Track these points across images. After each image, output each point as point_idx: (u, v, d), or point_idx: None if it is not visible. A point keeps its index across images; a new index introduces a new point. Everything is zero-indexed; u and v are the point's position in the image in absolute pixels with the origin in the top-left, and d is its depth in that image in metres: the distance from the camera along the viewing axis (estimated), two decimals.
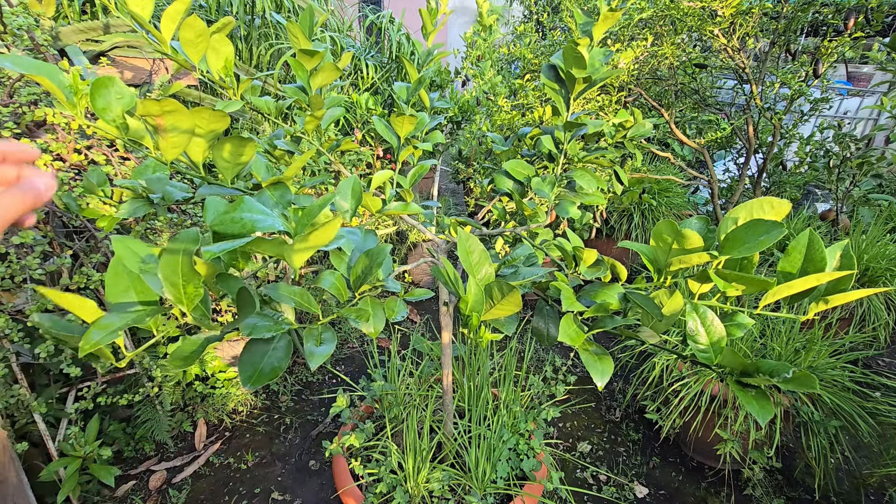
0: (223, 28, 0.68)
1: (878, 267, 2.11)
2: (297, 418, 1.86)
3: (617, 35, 2.17)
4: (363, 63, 2.97)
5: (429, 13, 0.96)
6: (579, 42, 0.78)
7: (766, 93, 2.24)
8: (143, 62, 1.96)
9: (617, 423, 1.89)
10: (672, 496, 1.59)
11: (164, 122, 0.49)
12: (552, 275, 0.71)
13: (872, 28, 1.85)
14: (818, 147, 2.50)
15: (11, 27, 1.38)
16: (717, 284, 0.48)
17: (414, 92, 1.00)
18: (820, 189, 3.03)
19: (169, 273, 0.46)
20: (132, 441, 1.65)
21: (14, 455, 1.27)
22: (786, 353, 1.57)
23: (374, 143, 2.65)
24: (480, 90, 2.54)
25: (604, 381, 0.56)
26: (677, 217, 2.86)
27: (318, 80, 0.80)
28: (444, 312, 1.00)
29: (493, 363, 1.51)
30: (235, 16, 2.59)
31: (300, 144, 0.93)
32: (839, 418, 1.45)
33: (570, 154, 0.94)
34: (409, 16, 2.94)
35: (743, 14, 1.84)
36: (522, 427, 1.27)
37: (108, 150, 1.44)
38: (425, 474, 1.13)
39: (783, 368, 0.44)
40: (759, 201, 0.48)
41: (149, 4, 0.59)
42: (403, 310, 0.65)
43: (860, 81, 4.85)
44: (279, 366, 0.52)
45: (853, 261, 0.47)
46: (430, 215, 1.02)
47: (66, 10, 2.01)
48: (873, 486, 1.60)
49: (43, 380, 1.43)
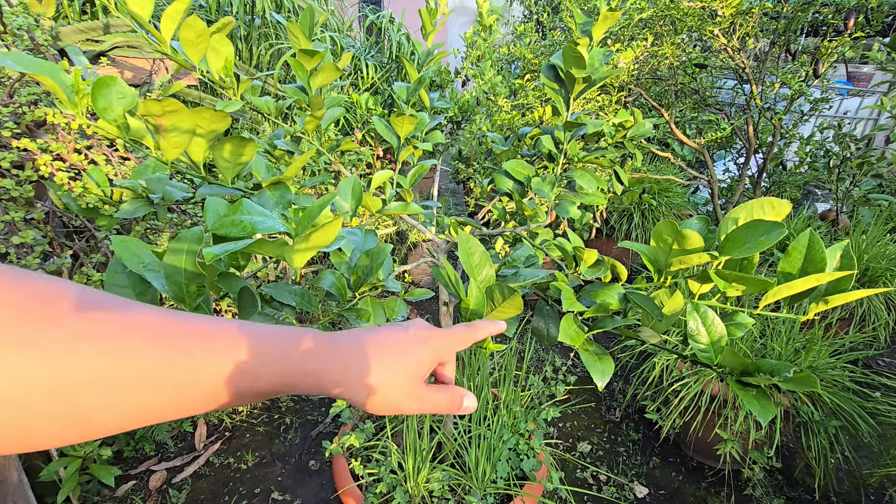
0: (223, 28, 0.68)
1: (878, 267, 2.11)
2: (297, 418, 1.85)
3: (617, 35, 2.17)
4: (363, 63, 2.97)
5: (428, 13, 0.96)
6: (579, 42, 0.78)
7: (766, 93, 2.24)
8: (143, 62, 1.96)
9: (617, 423, 1.89)
10: (672, 496, 1.59)
11: (165, 121, 0.49)
12: (552, 275, 0.71)
13: (872, 28, 1.85)
14: (818, 147, 2.50)
15: (11, 27, 1.37)
16: (717, 284, 0.48)
17: (414, 92, 0.99)
18: (820, 189, 3.03)
19: (172, 272, 0.46)
20: (132, 441, 1.65)
21: (14, 455, 1.27)
22: (786, 353, 1.57)
23: (374, 143, 2.65)
24: (480, 90, 2.54)
25: (604, 382, 0.56)
26: (677, 217, 2.86)
27: (318, 80, 0.80)
28: (444, 312, 1.00)
29: (493, 363, 1.51)
30: (235, 16, 2.59)
31: (300, 144, 0.93)
32: (839, 418, 1.45)
33: (570, 154, 0.94)
34: (409, 16, 2.94)
35: (743, 14, 1.84)
36: (522, 427, 1.27)
37: (108, 150, 1.44)
38: (425, 474, 1.13)
39: (784, 368, 0.44)
40: (759, 201, 0.48)
41: (149, 4, 0.59)
42: (403, 310, 0.65)
43: (860, 81, 4.85)
44: None
45: (853, 261, 0.47)
46: (430, 215, 1.02)
47: (66, 10, 2.01)
48: (873, 486, 1.60)
49: None
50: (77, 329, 0.24)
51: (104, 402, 0.25)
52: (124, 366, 0.25)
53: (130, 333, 0.26)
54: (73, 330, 0.24)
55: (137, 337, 0.26)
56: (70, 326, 0.24)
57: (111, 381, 0.25)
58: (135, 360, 0.26)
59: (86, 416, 0.25)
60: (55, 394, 0.23)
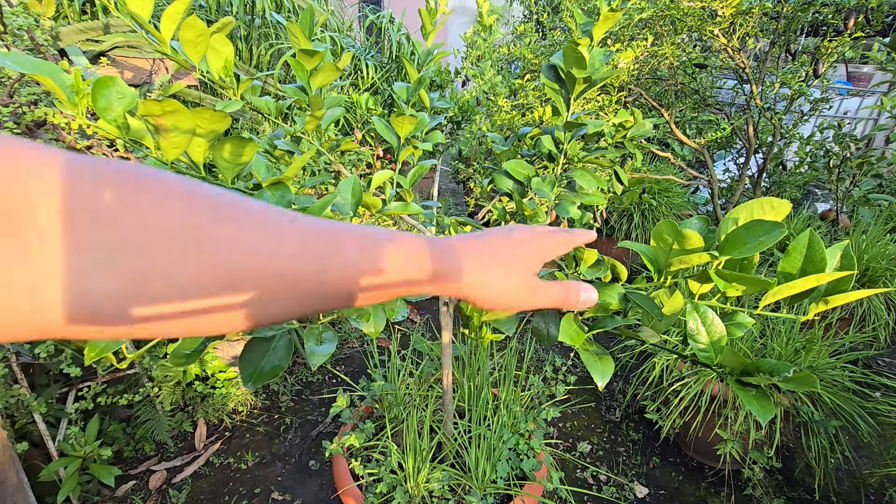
0: (223, 28, 0.68)
1: (878, 267, 2.11)
2: (297, 418, 1.86)
3: (617, 35, 2.17)
4: (363, 63, 2.97)
5: (428, 13, 0.96)
6: (579, 42, 0.78)
7: (766, 93, 2.24)
8: (143, 62, 1.96)
9: (617, 423, 1.89)
10: (672, 496, 1.59)
11: (165, 122, 0.49)
12: (552, 275, 0.71)
13: (872, 28, 1.85)
14: (818, 147, 2.49)
15: (11, 27, 1.37)
16: (717, 285, 0.48)
17: (414, 92, 0.99)
18: (820, 189, 3.03)
19: None
20: (132, 441, 1.65)
21: (14, 455, 1.27)
22: (786, 353, 1.57)
23: (374, 143, 2.65)
24: (480, 90, 2.54)
25: (604, 382, 0.56)
26: (677, 217, 2.86)
27: (318, 80, 0.80)
28: (444, 312, 1.00)
29: (493, 363, 1.51)
30: (235, 16, 2.59)
31: (300, 144, 0.93)
32: (839, 418, 1.45)
33: (570, 154, 0.94)
34: (409, 16, 2.94)
35: (743, 14, 1.84)
36: (522, 427, 1.27)
37: (108, 149, 1.44)
38: (425, 474, 1.13)
39: (783, 367, 0.44)
40: (759, 201, 0.48)
41: (149, 4, 0.59)
42: (404, 310, 0.65)
43: (860, 81, 4.85)
44: (280, 365, 0.52)
45: (853, 261, 0.47)
46: (430, 215, 1.02)
47: (66, 10, 2.01)
48: (873, 486, 1.60)
49: (43, 380, 1.43)
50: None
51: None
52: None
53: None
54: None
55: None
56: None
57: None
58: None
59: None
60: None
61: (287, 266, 0.26)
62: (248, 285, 0.25)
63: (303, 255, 0.27)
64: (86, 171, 0.21)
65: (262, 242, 0.25)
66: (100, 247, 0.20)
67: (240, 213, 0.25)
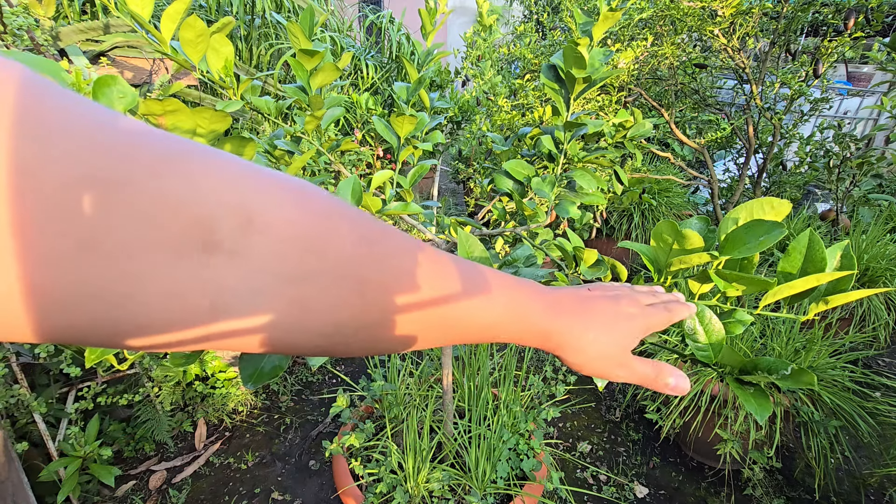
0: (223, 28, 0.68)
1: (878, 267, 2.11)
2: (297, 418, 1.86)
3: (617, 35, 2.17)
4: (363, 63, 2.97)
5: (428, 13, 0.96)
6: (579, 42, 0.78)
7: (766, 93, 2.24)
8: (143, 62, 1.96)
9: (617, 423, 1.89)
10: (672, 496, 1.59)
11: (165, 121, 0.49)
12: (552, 275, 0.71)
13: (872, 28, 1.85)
14: (818, 147, 2.49)
15: (11, 27, 1.38)
16: (717, 284, 0.48)
17: (414, 92, 0.99)
18: (820, 189, 3.03)
19: None
20: (132, 441, 1.65)
21: (14, 455, 1.27)
22: (786, 353, 1.57)
23: (374, 143, 2.65)
24: (480, 90, 2.54)
25: (604, 382, 0.56)
26: (677, 217, 2.86)
27: (318, 80, 0.80)
28: None
29: (492, 363, 1.51)
30: (235, 16, 2.59)
31: (300, 144, 0.93)
32: (839, 418, 1.45)
33: (570, 154, 0.94)
34: (409, 16, 2.94)
35: (743, 14, 1.84)
36: (522, 427, 1.27)
37: None
38: (425, 474, 1.13)
39: (781, 365, 0.44)
40: (759, 201, 0.48)
41: (149, 4, 0.59)
42: None
43: (860, 81, 4.85)
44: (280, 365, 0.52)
45: (853, 261, 0.47)
46: (430, 215, 1.02)
47: (66, 10, 2.01)
48: (873, 486, 1.60)
49: (43, 380, 1.43)
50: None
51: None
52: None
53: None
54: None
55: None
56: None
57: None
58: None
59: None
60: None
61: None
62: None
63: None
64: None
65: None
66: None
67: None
